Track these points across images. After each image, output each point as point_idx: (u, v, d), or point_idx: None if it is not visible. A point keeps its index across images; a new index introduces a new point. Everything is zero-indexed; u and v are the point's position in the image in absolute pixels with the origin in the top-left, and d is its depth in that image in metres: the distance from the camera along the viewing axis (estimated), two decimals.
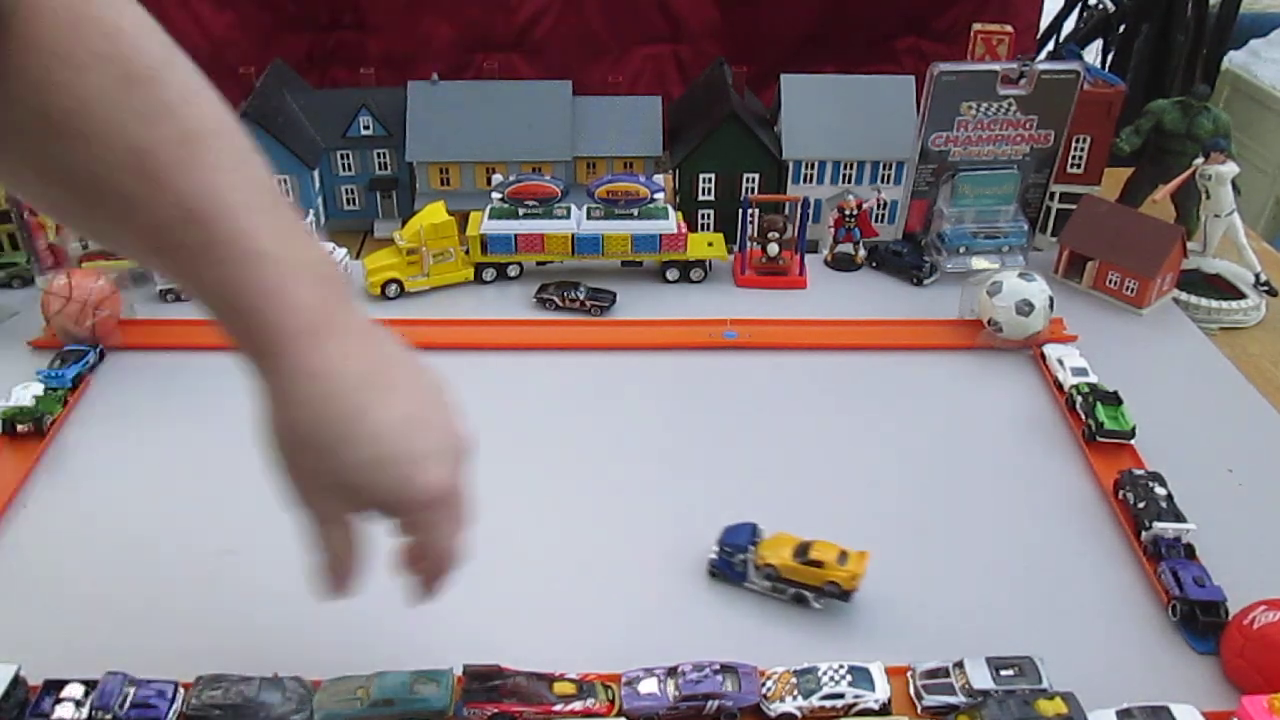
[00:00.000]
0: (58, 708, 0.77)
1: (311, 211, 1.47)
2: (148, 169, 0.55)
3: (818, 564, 0.88)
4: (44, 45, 0.53)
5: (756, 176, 1.50)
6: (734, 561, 0.91)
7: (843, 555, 0.88)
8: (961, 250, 1.44)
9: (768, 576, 0.90)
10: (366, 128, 1.52)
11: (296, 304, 0.56)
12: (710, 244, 1.43)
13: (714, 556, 0.93)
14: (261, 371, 0.58)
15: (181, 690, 0.80)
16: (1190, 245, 1.41)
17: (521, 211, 1.40)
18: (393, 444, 0.57)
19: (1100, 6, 2.54)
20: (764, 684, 0.81)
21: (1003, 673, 0.81)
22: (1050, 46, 2.59)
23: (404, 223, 1.42)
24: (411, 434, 0.58)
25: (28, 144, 0.55)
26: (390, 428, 0.57)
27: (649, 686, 0.81)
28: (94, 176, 0.55)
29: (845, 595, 0.88)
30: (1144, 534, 0.97)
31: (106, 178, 0.55)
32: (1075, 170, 1.50)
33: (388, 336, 0.62)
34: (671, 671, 0.82)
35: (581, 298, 1.35)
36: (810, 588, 0.89)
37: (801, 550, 0.89)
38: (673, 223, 1.40)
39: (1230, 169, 1.37)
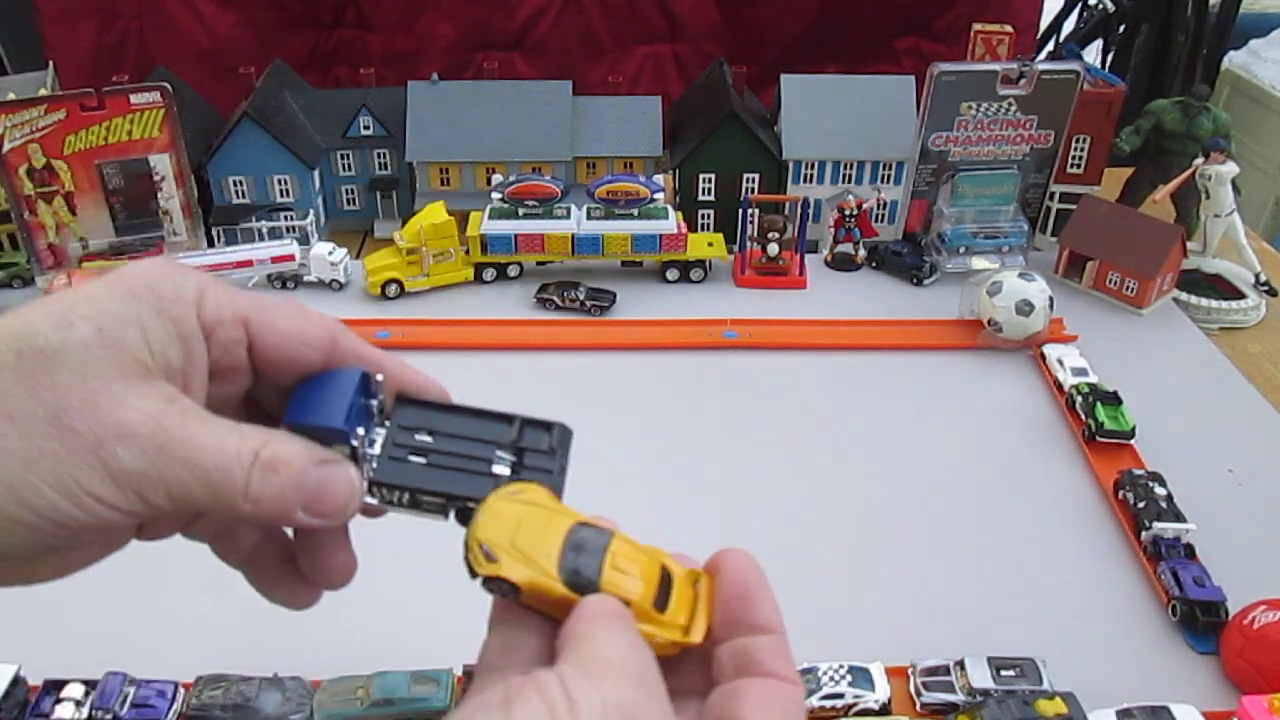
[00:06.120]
0: (58, 708, 0.78)
1: (311, 211, 1.47)
2: None
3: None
4: None
5: (756, 176, 1.50)
6: None
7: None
8: (961, 250, 1.44)
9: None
10: (366, 128, 1.51)
11: None
12: (710, 244, 1.42)
13: None
14: None
15: (181, 690, 0.80)
16: (1190, 245, 1.41)
17: (521, 211, 1.40)
18: None
19: (1100, 6, 2.54)
20: None
21: (1003, 673, 0.81)
22: (1050, 46, 2.59)
23: (404, 223, 1.42)
24: None
25: None
26: None
27: None
28: None
29: None
30: (1144, 534, 0.97)
31: None
32: (1075, 170, 1.50)
33: None
34: None
35: (581, 298, 1.35)
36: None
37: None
38: (673, 223, 1.40)
39: (1230, 169, 1.37)
